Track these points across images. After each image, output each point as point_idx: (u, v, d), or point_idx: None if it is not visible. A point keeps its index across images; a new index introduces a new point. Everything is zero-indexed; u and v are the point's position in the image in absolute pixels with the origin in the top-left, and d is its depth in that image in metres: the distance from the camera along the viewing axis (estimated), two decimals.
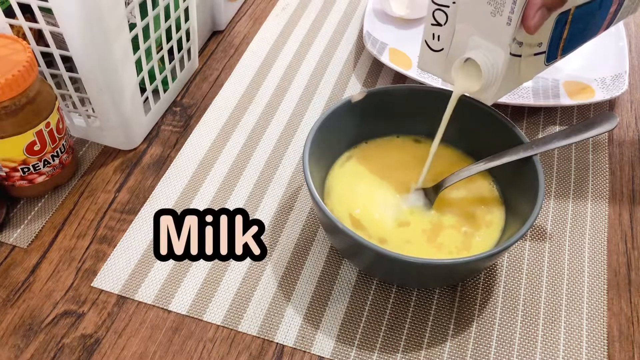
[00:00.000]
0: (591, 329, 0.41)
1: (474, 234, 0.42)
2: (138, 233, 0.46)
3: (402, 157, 0.47)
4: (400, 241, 0.41)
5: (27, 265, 0.44)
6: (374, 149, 0.48)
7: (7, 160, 0.43)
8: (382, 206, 0.43)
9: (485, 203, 0.44)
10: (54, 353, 0.39)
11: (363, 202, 0.43)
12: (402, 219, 0.43)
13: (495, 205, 0.44)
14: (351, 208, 0.43)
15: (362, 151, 0.47)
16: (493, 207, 0.44)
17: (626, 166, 0.52)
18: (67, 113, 0.51)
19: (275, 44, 0.64)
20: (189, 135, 0.54)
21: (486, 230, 0.42)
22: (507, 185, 0.44)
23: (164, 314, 0.42)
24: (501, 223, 0.43)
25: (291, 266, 0.44)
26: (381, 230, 0.42)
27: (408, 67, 0.59)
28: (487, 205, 0.44)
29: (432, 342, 0.40)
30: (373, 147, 0.48)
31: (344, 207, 0.43)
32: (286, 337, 0.40)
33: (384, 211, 0.43)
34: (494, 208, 0.44)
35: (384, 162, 0.46)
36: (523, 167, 0.42)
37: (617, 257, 0.45)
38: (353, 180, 0.45)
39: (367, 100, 0.46)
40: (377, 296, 0.43)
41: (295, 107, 0.57)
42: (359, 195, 0.44)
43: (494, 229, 0.43)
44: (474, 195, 0.45)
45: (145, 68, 0.50)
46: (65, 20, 0.42)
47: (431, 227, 0.42)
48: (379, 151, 0.47)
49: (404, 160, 0.47)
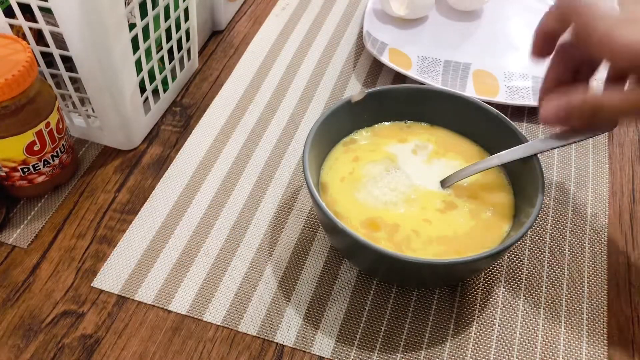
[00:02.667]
0: (591, 329, 0.41)
1: (486, 210, 0.42)
2: (138, 233, 0.46)
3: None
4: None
5: (27, 265, 0.44)
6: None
7: (7, 160, 0.43)
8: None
9: (496, 190, 0.44)
10: (54, 353, 0.39)
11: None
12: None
13: (505, 192, 0.44)
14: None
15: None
16: (503, 193, 0.44)
17: (626, 166, 0.52)
18: (67, 113, 0.51)
19: (275, 44, 0.64)
20: (189, 135, 0.54)
21: (497, 209, 0.43)
22: (515, 179, 0.44)
23: (164, 314, 0.42)
24: (512, 206, 0.43)
25: (291, 266, 0.44)
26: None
27: (408, 67, 0.59)
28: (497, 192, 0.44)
29: (432, 342, 0.40)
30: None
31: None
32: (286, 337, 0.40)
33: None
34: (504, 194, 0.44)
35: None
36: (524, 167, 0.42)
37: (617, 257, 0.45)
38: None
39: (366, 100, 0.46)
40: (377, 296, 0.43)
41: (295, 107, 0.57)
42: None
43: (505, 207, 0.43)
44: (485, 181, 0.45)
45: (145, 68, 0.50)
46: (65, 20, 0.42)
47: (444, 205, 0.43)
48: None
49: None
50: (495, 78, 0.59)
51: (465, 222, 0.42)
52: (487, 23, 0.67)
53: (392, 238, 0.40)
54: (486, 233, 0.41)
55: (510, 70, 0.60)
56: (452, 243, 0.41)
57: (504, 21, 0.67)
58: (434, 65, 0.60)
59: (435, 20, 0.67)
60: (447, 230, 0.41)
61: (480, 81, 0.59)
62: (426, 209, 0.42)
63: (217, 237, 0.46)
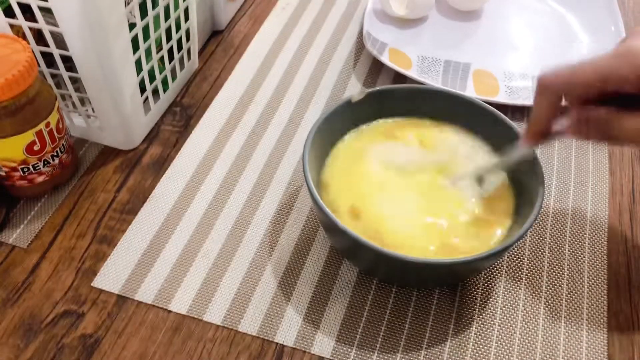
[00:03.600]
0: (591, 329, 0.41)
1: (486, 210, 0.42)
2: (138, 233, 0.46)
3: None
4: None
5: (27, 265, 0.44)
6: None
7: (7, 160, 0.43)
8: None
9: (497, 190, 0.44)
10: (54, 353, 0.39)
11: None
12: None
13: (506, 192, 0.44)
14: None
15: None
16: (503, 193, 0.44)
17: (626, 166, 0.52)
18: (67, 113, 0.51)
19: (275, 44, 0.64)
20: (189, 135, 0.54)
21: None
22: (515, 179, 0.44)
23: (164, 314, 0.42)
24: (512, 206, 0.43)
25: (291, 266, 0.44)
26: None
27: (408, 67, 0.59)
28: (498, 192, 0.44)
29: (432, 342, 0.40)
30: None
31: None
32: (286, 337, 0.40)
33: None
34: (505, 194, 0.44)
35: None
36: (525, 167, 0.42)
37: (617, 257, 0.45)
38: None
39: (366, 100, 0.46)
40: (377, 296, 0.43)
41: (295, 107, 0.57)
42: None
43: (505, 206, 0.43)
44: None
45: (145, 68, 0.50)
46: (65, 20, 0.42)
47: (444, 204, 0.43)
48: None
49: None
50: (495, 78, 0.59)
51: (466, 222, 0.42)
52: (487, 23, 0.67)
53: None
54: (486, 233, 0.41)
55: (510, 70, 0.60)
56: (452, 242, 0.41)
57: (504, 21, 0.67)
58: (434, 65, 0.60)
59: (435, 20, 0.67)
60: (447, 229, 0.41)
61: (480, 81, 0.59)
62: (426, 208, 0.42)
63: (217, 237, 0.46)
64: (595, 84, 0.35)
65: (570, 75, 0.36)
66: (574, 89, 0.36)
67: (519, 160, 0.42)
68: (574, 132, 0.37)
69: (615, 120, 0.35)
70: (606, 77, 0.34)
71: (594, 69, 0.35)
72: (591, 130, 0.36)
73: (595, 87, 0.35)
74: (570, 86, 0.36)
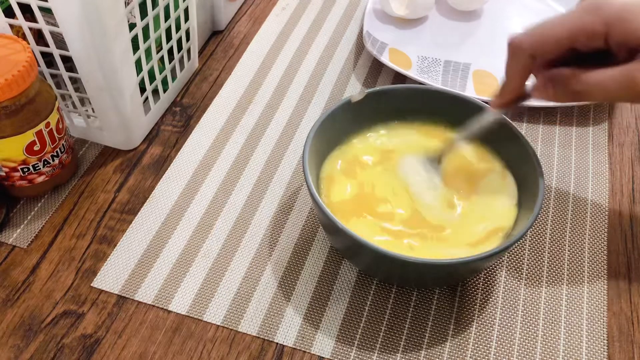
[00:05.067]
0: (591, 329, 0.41)
1: (487, 210, 0.43)
2: (138, 233, 0.46)
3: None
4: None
5: (27, 265, 0.44)
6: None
7: (7, 160, 0.43)
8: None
9: (497, 190, 0.44)
10: (54, 353, 0.39)
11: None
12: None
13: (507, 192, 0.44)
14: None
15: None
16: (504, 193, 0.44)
17: (626, 166, 0.52)
18: (67, 113, 0.51)
19: (275, 44, 0.64)
20: (189, 135, 0.54)
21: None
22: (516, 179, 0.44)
23: (164, 314, 0.42)
24: (512, 205, 0.43)
25: (291, 266, 0.44)
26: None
27: (408, 67, 0.59)
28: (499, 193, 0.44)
29: (432, 342, 0.40)
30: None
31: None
32: (286, 337, 0.40)
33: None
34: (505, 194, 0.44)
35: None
36: (525, 167, 0.42)
37: (617, 257, 0.45)
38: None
39: (366, 100, 0.46)
40: (377, 296, 0.43)
41: (295, 107, 0.57)
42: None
43: (506, 206, 0.43)
44: (487, 182, 0.45)
45: (145, 68, 0.50)
46: (65, 20, 0.42)
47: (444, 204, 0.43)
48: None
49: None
50: (495, 78, 0.59)
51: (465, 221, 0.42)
52: (487, 23, 0.67)
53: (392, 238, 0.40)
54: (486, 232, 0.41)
55: None
56: (452, 242, 0.41)
57: (503, 21, 0.67)
58: (434, 65, 0.60)
59: (435, 20, 0.67)
60: (447, 229, 0.41)
61: (480, 81, 0.59)
62: (426, 208, 0.42)
63: (217, 237, 0.46)
64: (564, 41, 0.35)
65: (541, 34, 0.36)
66: (544, 48, 0.36)
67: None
68: (540, 93, 0.38)
69: (578, 75, 0.35)
70: (575, 33, 0.35)
71: (563, 26, 0.35)
72: (556, 88, 0.36)
73: (564, 45, 0.36)
74: (541, 45, 0.36)
